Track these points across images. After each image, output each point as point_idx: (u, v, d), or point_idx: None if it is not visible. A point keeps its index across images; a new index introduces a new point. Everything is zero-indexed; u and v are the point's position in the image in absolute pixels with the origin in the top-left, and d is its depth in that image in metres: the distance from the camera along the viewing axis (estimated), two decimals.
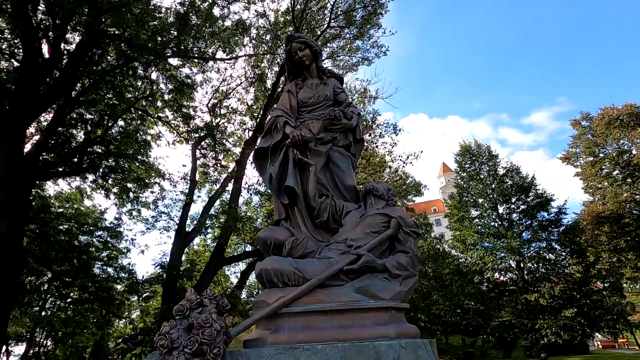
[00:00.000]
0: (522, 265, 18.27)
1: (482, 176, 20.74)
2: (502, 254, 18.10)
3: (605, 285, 19.55)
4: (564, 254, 18.23)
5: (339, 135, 3.29)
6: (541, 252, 18.04)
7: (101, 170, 11.23)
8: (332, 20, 12.23)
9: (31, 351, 24.06)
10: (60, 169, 11.02)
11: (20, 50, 9.66)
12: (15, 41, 9.77)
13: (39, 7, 9.57)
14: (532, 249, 18.19)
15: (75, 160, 11.21)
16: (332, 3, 11.98)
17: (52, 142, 11.31)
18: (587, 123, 22.91)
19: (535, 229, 18.58)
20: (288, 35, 3.72)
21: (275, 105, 3.47)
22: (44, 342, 23.24)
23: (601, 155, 21.96)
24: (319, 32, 12.35)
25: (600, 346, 32.52)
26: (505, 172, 20.54)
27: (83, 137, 12.18)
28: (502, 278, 19.56)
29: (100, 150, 11.86)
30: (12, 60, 9.95)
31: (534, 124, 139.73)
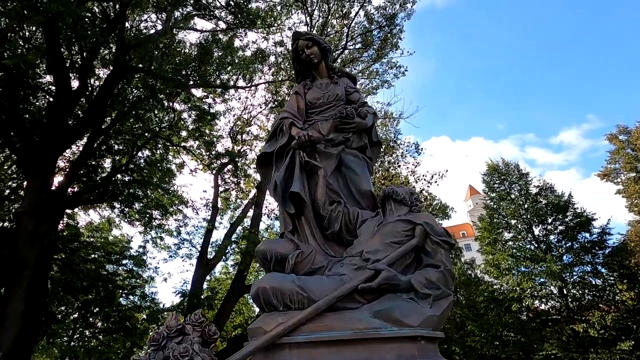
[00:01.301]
0: (564, 291, 16.73)
1: (513, 196, 19.63)
2: (542, 279, 16.66)
3: None
4: (612, 278, 16.59)
5: (352, 136, 2.92)
6: (586, 276, 16.49)
7: (124, 196, 11.41)
8: (349, 43, 12.32)
9: None
10: (87, 197, 11.30)
11: (52, 86, 10.23)
12: (48, 78, 10.37)
13: (73, 48, 10.22)
14: (575, 273, 16.67)
15: (101, 189, 11.52)
16: (348, 26, 12.10)
17: (81, 172, 11.72)
18: (625, 137, 21.56)
19: (577, 251, 17.10)
20: (294, 32, 3.43)
21: (281, 109, 3.22)
22: None
23: None
24: (335, 55, 12.49)
25: None
26: (539, 190, 19.35)
27: (110, 166, 12.60)
28: (543, 306, 17.97)
29: (125, 179, 12.17)
30: (45, 95, 10.51)
31: (564, 143, 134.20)
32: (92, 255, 14.67)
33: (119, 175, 11.97)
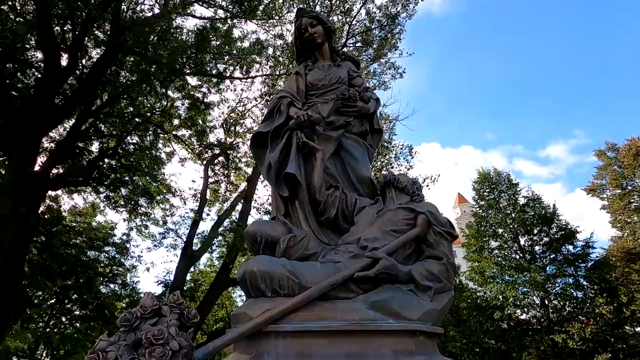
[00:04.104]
0: (546, 302, 16.95)
1: (501, 205, 19.82)
2: (525, 289, 16.85)
3: None
4: (592, 291, 16.87)
5: (354, 120, 2.75)
6: (568, 288, 16.72)
7: (110, 181, 11.08)
8: (349, 41, 12.21)
9: None
10: (71, 179, 10.95)
11: (40, 63, 9.88)
12: (36, 54, 10.01)
13: (65, 23, 9.87)
14: (557, 284, 16.90)
15: (87, 171, 11.18)
16: (349, 23, 11.99)
17: (67, 154, 11.36)
18: (613, 154, 21.97)
19: (561, 263, 17.35)
20: (298, 9, 3.23)
21: (280, 88, 3.06)
22: None
23: (629, 187, 20.87)
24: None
25: None
26: (527, 201, 19.57)
27: (97, 149, 12.25)
28: (524, 315, 18.17)
29: (113, 163, 11.84)
30: (33, 69, 10.15)
31: (551, 157, 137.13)
32: (74, 241, 14.29)
33: (105, 160, 11.63)
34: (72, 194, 14.50)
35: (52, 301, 16.25)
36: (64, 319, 16.43)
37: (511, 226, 19.00)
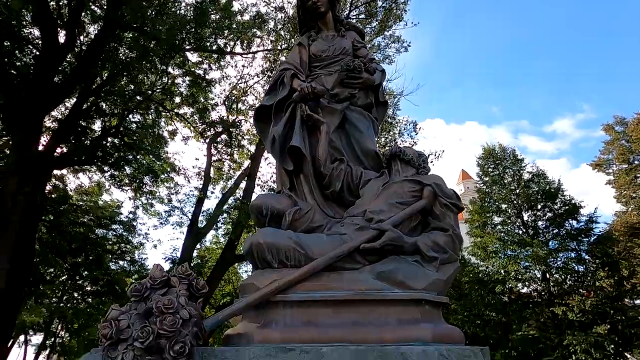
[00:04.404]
0: (547, 276, 17.15)
1: (505, 181, 19.73)
2: (527, 264, 17.03)
3: None
4: (594, 265, 17.02)
5: (359, 92, 2.69)
6: (569, 262, 16.88)
7: (113, 160, 11.12)
8: (352, 12, 11.81)
9: (47, 341, 24.50)
10: (75, 158, 10.99)
11: (38, 40, 9.69)
12: (33, 31, 9.81)
13: None
14: (559, 259, 17.05)
15: (91, 150, 11.20)
16: None
17: (70, 133, 11.34)
18: (621, 128, 21.60)
19: (564, 237, 17.43)
20: None
21: (282, 60, 2.99)
22: (60, 333, 23.66)
23: (636, 162, 20.65)
24: None
25: None
26: (531, 177, 19.45)
27: (100, 128, 12.22)
28: (525, 289, 18.44)
29: (116, 141, 11.84)
30: (31, 46, 9.98)
31: (557, 132, 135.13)
32: (81, 219, 14.51)
33: (109, 138, 11.62)
34: (77, 173, 14.61)
35: (64, 278, 16.70)
36: (76, 295, 16.95)
37: (515, 202, 18.98)
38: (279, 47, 14.22)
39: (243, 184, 14.26)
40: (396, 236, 2.01)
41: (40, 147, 10.03)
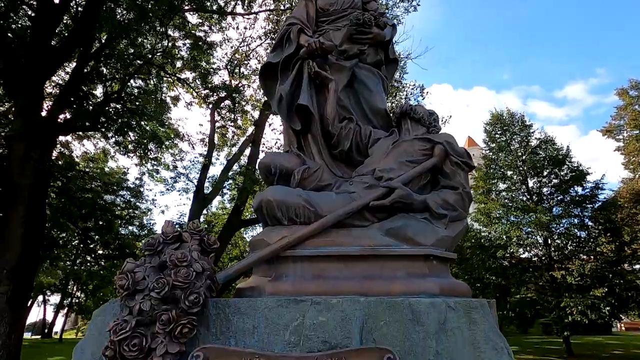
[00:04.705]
0: (549, 241, 17.37)
1: (512, 147, 19.48)
2: (529, 229, 17.20)
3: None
4: (596, 231, 17.15)
5: (368, 49, 2.58)
6: (572, 228, 17.01)
7: (117, 126, 11.07)
8: None
9: (65, 301, 25.73)
10: (79, 124, 10.97)
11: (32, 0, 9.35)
12: None
13: None
14: (562, 225, 17.17)
15: (94, 115, 11.13)
16: None
17: (72, 99, 11.23)
18: (636, 92, 20.94)
19: (568, 204, 17.46)
20: None
21: (288, 15, 2.85)
22: (76, 294, 24.79)
23: None
24: None
25: (623, 328, 31.68)
26: (539, 143, 19.16)
27: (102, 94, 12.08)
28: (526, 254, 18.73)
29: (118, 107, 11.73)
30: (25, 7, 9.65)
31: (568, 98, 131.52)
32: (89, 185, 14.72)
33: (111, 104, 11.51)
34: (82, 139, 14.64)
35: (76, 242, 17.24)
36: (89, 258, 17.55)
37: (521, 168, 18.84)
38: (281, 7, 13.62)
39: (247, 151, 14.25)
40: (405, 194, 2.01)
41: (44, 113, 9.99)
